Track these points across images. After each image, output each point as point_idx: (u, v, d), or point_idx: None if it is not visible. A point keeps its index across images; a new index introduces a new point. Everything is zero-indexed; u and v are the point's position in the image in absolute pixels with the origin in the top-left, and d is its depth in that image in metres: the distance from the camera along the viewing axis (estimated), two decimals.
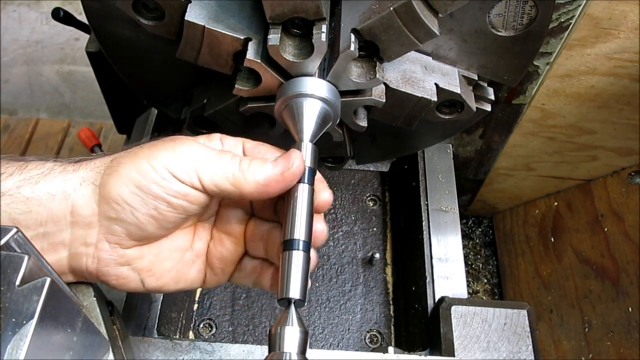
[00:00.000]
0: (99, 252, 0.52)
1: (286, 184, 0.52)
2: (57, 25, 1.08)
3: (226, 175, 0.51)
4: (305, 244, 0.51)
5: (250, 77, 0.63)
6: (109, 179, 0.50)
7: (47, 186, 0.50)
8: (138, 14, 0.62)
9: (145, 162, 0.50)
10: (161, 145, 0.52)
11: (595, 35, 0.81)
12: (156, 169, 0.49)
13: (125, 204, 0.50)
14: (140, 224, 0.51)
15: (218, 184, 0.51)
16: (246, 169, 0.51)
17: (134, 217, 0.50)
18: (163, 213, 0.51)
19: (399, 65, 0.69)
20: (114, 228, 0.51)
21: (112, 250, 0.52)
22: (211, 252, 0.58)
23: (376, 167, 1.09)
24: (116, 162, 0.51)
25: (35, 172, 0.51)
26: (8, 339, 0.35)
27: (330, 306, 0.94)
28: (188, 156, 0.51)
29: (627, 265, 1.01)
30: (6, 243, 0.39)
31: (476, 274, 1.38)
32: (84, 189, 0.50)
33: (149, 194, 0.49)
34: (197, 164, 0.50)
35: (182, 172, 0.50)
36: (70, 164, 0.53)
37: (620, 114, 0.96)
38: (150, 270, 0.54)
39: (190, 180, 0.50)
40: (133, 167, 0.50)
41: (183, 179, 0.50)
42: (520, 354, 0.73)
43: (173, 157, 0.50)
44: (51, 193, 0.50)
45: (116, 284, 0.54)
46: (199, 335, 0.90)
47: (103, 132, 1.82)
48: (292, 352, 0.47)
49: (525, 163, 1.16)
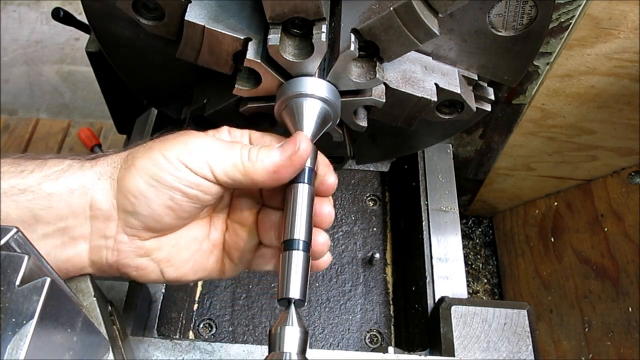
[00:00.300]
0: (118, 244, 0.53)
1: (295, 167, 0.53)
2: (57, 25, 1.08)
3: (236, 165, 0.52)
4: (305, 244, 0.51)
5: (250, 77, 0.63)
6: (125, 173, 0.52)
7: (66, 182, 0.51)
8: (138, 14, 0.62)
9: (160, 154, 0.51)
10: (173, 139, 0.53)
11: (595, 35, 0.81)
12: (170, 160, 0.51)
13: (141, 196, 0.51)
14: (157, 215, 0.52)
15: (229, 174, 0.52)
16: (255, 157, 0.52)
17: (150, 209, 0.52)
18: (179, 203, 0.52)
19: (399, 65, 0.69)
20: (131, 220, 0.52)
21: (130, 242, 0.53)
22: (227, 242, 0.59)
23: (376, 167, 1.09)
24: (131, 156, 0.53)
25: (55, 168, 0.52)
26: (8, 339, 0.35)
27: (330, 306, 0.94)
28: (199, 148, 0.52)
29: (627, 265, 1.01)
30: (6, 243, 0.39)
31: (476, 274, 1.38)
32: (102, 183, 0.52)
33: (164, 184, 0.51)
34: (209, 155, 0.52)
35: (195, 164, 0.51)
36: (87, 161, 0.54)
37: (620, 114, 0.96)
38: (169, 261, 0.56)
39: (202, 172, 0.52)
40: (148, 159, 0.52)
41: (196, 170, 0.51)
42: (520, 354, 0.73)
43: (185, 150, 0.52)
44: (71, 188, 0.51)
45: (137, 275, 0.55)
46: (199, 335, 0.90)
47: (103, 132, 1.82)
48: (292, 352, 0.47)
49: (525, 163, 1.16)
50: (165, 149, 0.52)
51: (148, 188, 0.51)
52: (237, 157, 0.52)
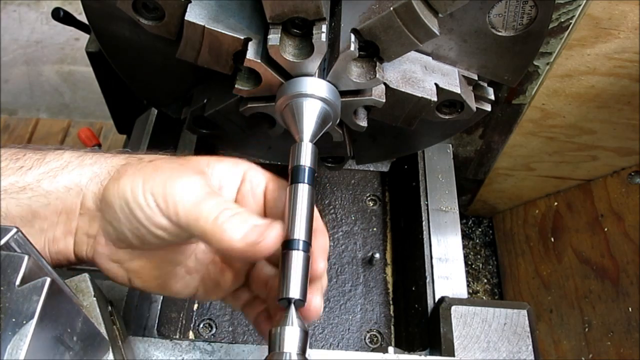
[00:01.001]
0: (96, 244, 0.54)
1: (252, 256, 0.49)
2: (57, 25, 1.08)
3: (205, 220, 0.48)
4: (305, 244, 0.51)
5: (250, 77, 0.63)
6: (110, 184, 0.52)
7: (64, 180, 0.52)
8: (138, 14, 0.62)
9: (141, 183, 0.50)
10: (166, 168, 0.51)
11: (595, 35, 0.81)
12: (145, 193, 0.49)
13: (115, 214, 0.51)
14: (125, 237, 0.52)
15: (192, 227, 0.49)
16: (221, 220, 0.48)
17: (120, 228, 0.51)
18: (143, 234, 0.51)
19: (399, 65, 0.69)
20: (108, 228, 0.52)
21: (106, 246, 0.53)
22: (209, 275, 0.58)
23: (376, 167, 1.09)
24: (124, 168, 0.52)
25: (53, 164, 0.52)
26: (8, 339, 0.35)
27: (330, 306, 0.94)
28: (180, 190, 0.49)
29: (627, 265, 1.01)
30: (6, 243, 0.39)
31: (476, 274, 1.38)
32: (93, 184, 0.52)
33: (132, 214, 0.50)
34: (182, 199, 0.49)
35: (166, 205, 0.49)
36: (88, 156, 0.54)
37: (620, 114, 0.96)
38: (138, 273, 0.55)
39: (169, 216, 0.49)
40: (130, 182, 0.50)
41: (165, 212, 0.49)
42: (520, 354, 0.73)
43: (164, 187, 0.49)
44: (68, 187, 0.52)
45: (107, 274, 0.56)
46: (199, 335, 0.90)
47: (103, 132, 1.82)
48: (292, 352, 0.47)
49: (525, 163, 1.15)
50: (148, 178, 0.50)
51: (120, 210, 0.50)
52: (209, 211, 0.48)
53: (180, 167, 0.52)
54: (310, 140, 0.57)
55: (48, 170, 0.52)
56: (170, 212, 0.49)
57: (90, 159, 0.54)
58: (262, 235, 0.48)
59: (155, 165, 0.52)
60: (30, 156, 0.53)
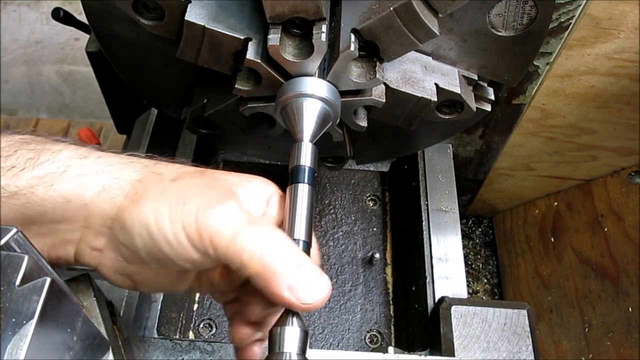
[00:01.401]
0: (104, 258, 0.50)
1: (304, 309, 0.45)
2: (57, 25, 1.08)
3: (247, 256, 0.43)
4: (305, 244, 0.51)
5: (250, 77, 0.63)
6: (129, 207, 0.46)
7: (62, 189, 0.46)
8: (138, 14, 0.62)
9: (167, 211, 0.44)
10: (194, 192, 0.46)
11: (595, 35, 0.81)
12: (174, 225, 0.44)
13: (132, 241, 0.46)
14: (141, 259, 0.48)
15: (231, 260, 0.44)
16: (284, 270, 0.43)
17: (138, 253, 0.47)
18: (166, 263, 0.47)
19: (399, 65, 0.69)
20: (121, 248, 0.48)
21: (116, 261, 0.50)
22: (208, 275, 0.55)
23: (376, 167, 1.09)
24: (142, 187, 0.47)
25: (49, 168, 0.46)
26: (8, 339, 0.35)
27: (330, 306, 0.94)
28: (215, 221, 0.44)
29: (627, 265, 1.01)
30: (6, 243, 0.39)
31: (476, 274, 1.38)
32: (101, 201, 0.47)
33: (157, 247, 0.45)
34: (219, 232, 0.44)
35: (200, 239, 0.44)
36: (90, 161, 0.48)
37: (620, 114, 0.96)
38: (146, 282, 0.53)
39: (205, 250, 0.44)
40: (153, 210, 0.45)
41: (199, 247, 0.44)
42: (520, 354, 0.73)
43: (196, 218, 0.44)
44: (67, 198, 0.46)
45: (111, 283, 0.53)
46: (199, 335, 0.90)
47: (103, 132, 1.82)
48: (292, 352, 0.46)
49: (525, 163, 1.15)
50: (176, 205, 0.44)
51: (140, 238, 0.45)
52: (252, 243, 0.43)
53: (210, 190, 0.47)
54: (310, 140, 0.57)
55: (43, 174, 0.46)
56: (206, 246, 0.44)
57: (93, 166, 0.48)
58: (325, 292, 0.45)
59: (180, 188, 0.46)
60: (23, 153, 0.47)
